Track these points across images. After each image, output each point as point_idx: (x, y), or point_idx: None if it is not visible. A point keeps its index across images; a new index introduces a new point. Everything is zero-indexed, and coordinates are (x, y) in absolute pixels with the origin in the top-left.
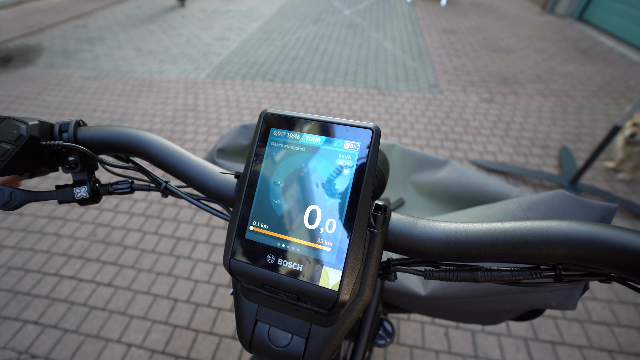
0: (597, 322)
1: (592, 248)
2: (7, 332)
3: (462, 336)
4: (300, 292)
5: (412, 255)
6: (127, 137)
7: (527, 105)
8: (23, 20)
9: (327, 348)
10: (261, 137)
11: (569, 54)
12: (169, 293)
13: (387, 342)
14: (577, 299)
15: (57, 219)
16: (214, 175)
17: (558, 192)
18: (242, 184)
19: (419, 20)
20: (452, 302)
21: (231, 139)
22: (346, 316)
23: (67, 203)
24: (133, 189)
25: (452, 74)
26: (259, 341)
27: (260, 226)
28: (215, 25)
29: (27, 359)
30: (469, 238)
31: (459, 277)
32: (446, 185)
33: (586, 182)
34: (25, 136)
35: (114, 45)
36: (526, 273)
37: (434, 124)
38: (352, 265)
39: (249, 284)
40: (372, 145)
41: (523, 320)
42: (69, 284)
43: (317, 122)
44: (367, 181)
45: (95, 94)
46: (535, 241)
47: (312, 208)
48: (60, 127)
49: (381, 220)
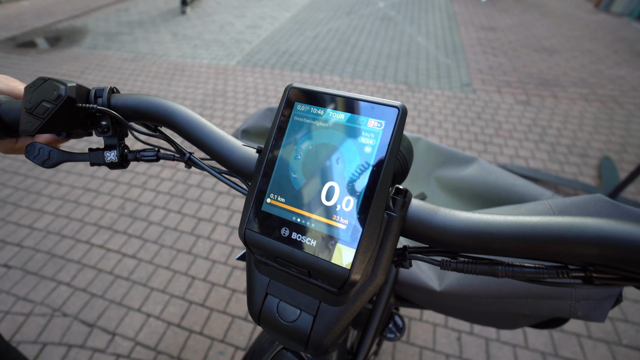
0: (628, 346)
1: (630, 250)
2: (44, 289)
3: (475, 342)
4: (312, 268)
5: (430, 243)
6: (156, 106)
7: (567, 110)
8: (72, 2)
9: (334, 327)
10: (285, 111)
11: (622, 57)
12: (188, 270)
13: (396, 337)
14: (607, 312)
15: (91, 191)
16: (236, 148)
17: (595, 197)
18: (262, 156)
19: (457, 15)
20: (468, 301)
21: (256, 121)
22: (356, 298)
23: (97, 165)
24: (159, 157)
25: (487, 73)
26: (267, 314)
27: (277, 199)
28: (249, 13)
29: (59, 316)
30: (492, 230)
31: (477, 269)
32: (472, 183)
33: (629, 196)
34: (64, 96)
35: (151, 29)
36: (552, 271)
37: (463, 123)
38: (367, 245)
39: (262, 256)
40: (397, 125)
41: (543, 328)
42: (97, 252)
43: (342, 98)
44: (389, 161)
45: (131, 75)
46: (566, 237)
47: (330, 184)
48: (96, 92)
49: (400, 204)
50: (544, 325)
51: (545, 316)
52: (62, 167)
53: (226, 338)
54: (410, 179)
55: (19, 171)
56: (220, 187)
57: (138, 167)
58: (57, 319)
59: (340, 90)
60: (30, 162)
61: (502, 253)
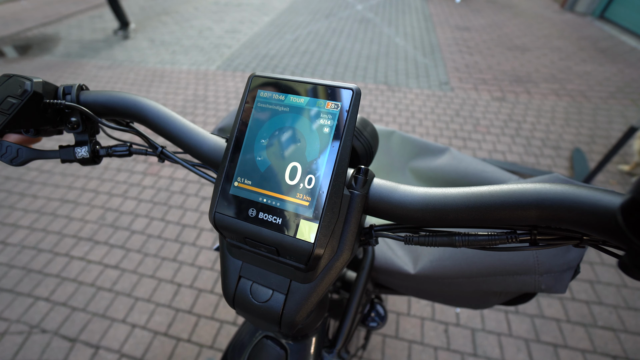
0: (603, 327)
1: (563, 208)
2: (20, 306)
3: (461, 333)
4: (279, 245)
5: (392, 219)
6: (126, 102)
7: (540, 105)
8: (42, 10)
9: (305, 304)
10: (248, 98)
11: (587, 54)
12: (173, 278)
13: (378, 325)
14: (567, 283)
15: (69, 202)
16: (206, 139)
17: (552, 176)
18: (229, 142)
19: (433, 16)
20: (442, 282)
21: (232, 119)
22: (324, 274)
23: (69, 162)
24: (131, 152)
25: (464, 71)
26: (241, 297)
27: (244, 182)
28: (228, 17)
29: (37, 333)
30: (446, 202)
31: (437, 241)
32: (444, 172)
33: (598, 184)
34: (29, 91)
35: (128, 35)
36: (502, 237)
37: (443, 121)
38: (329, 220)
39: (233, 239)
40: (352, 105)
41: (513, 304)
42: (78, 265)
43: (301, 83)
44: (346, 139)
45: (108, 83)
46: (509, 203)
47: (293, 165)
48: (64, 89)
49: (362, 182)
50: (513, 301)
51: (514, 292)
52: (37, 179)
53: (215, 344)
54: (386, 170)
55: None
56: (204, 192)
57: (118, 175)
58: (35, 336)
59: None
60: (1, 176)
61: (458, 223)
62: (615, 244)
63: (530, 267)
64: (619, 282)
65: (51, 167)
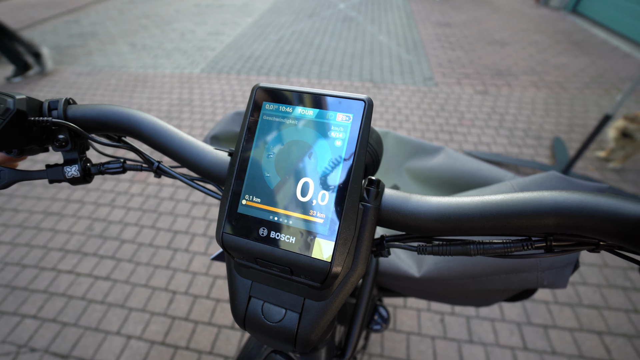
0: (588, 306)
1: (582, 216)
2: (6, 326)
3: (457, 322)
4: (294, 265)
5: (405, 230)
6: (118, 116)
7: (520, 97)
8: (13, 15)
9: (321, 322)
10: (253, 111)
11: (562, 46)
12: (168, 285)
13: (382, 328)
14: (567, 278)
15: (54, 215)
16: (207, 153)
17: (550, 174)
18: (234, 158)
19: (414, 13)
20: (446, 284)
21: (225, 126)
22: (339, 290)
23: (57, 182)
24: (125, 169)
25: (447, 66)
26: (252, 317)
27: (252, 200)
28: (210, 19)
29: (26, 352)
30: (461, 211)
31: (452, 250)
32: (440, 171)
33: (578, 171)
34: (12, 110)
35: (107, 40)
36: (517, 245)
37: (429, 116)
38: (345, 237)
39: (242, 259)
40: (365, 117)
41: (516, 300)
42: (66, 279)
43: (309, 94)
44: (360, 153)
45: (89, 90)
46: (526, 211)
47: (304, 180)
48: (50, 104)
49: (374, 195)
50: (516, 297)
51: (517, 289)
52: (17, 192)
53: (214, 349)
54: (382, 171)
55: None
56: (194, 197)
57: (104, 184)
58: (23, 356)
59: (307, 87)
60: None
61: (473, 232)
62: (634, 250)
63: (533, 264)
64: (600, 263)
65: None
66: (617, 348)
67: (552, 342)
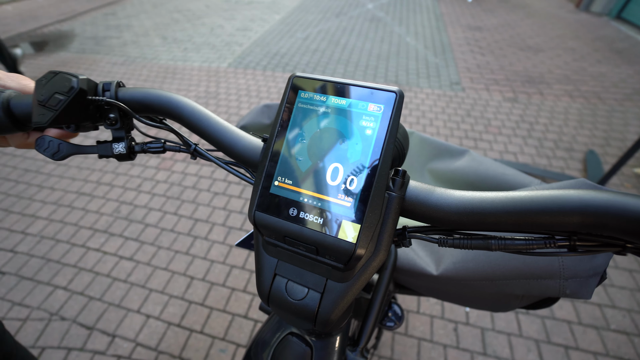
0: (616, 331)
1: (608, 215)
2: (40, 294)
3: (471, 332)
4: (320, 244)
5: (428, 221)
6: (163, 99)
7: (553, 107)
8: (57, 7)
9: (341, 303)
10: (289, 99)
11: (602, 54)
12: (186, 271)
13: (395, 325)
14: (592, 288)
15: (85, 195)
16: (241, 138)
17: (579, 181)
18: (269, 142)
19: (444, 16)
20: (464, 284)
21: (254, 117)
22: (361, 273)
23: (105, 157)
24: (165, 149)
25: (475, 71)
26: (276, 294)
27: (284, 181)
28: (239, 15)
29: (57, 320)
30: (485, 206)
31: (472, 244)
32: (464, 174)
33: (613, 187)
34: (76, 88)
35: (140, 32)
36: (540, 242)
37: (453, 121)
38: (370, 221)
39: (271, 237)
40: (395, 108)
41: (535, 308)
42: (94, 256)
43: (342, 84)
44: (389, 142)
45: (122, 79)
46: (551, 208)
47: (334, 165)
48: (104, 85)
49: (399, 184)
50: (535, 305)
51: (537, 296)
52: (54, 172)
53: (227, 336)
54: None
55: (9, 177)
56: (215, 188)
57: (132, 170)
58: (54, 323)
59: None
60: (20, 168)
61: (495, 227)
62: None
63: (555, 272)
64: (632, 286)
65: (67, 160)
66: None
67: None
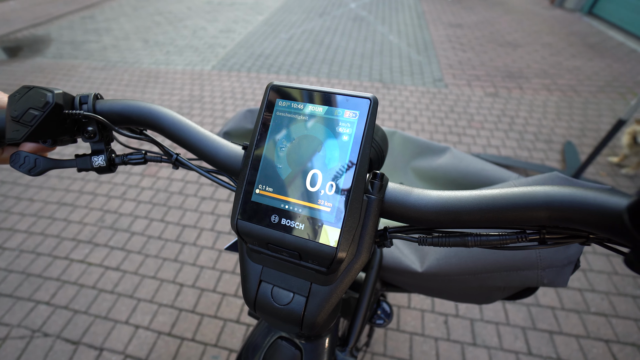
0: (595, 313)
1: (571, 209)
2: (21, 311)
3: (461, 324)
4: (302, 250)
5: (407, 221)
6: (142, 110)
7: (532, 100)
8: (31, 10)
9: (326, 305)
10: (267, 107)
11: (576, 49)
12: (175, 278)
13: (385, 322)
14: (568, 277)
15: (67, 205)
16: (222, 147)
17: (552, 174)
18: (249, 151)
19: (425, 14)
20: (448, 280)
21: (237, 123)
22: (344, 276)
23: (85, 171)
24: (146, 160)
25: (457, 68)
26: (262, 300)
27: (265, 189)
28: (221, 17)
29: (39, 337)
30: (460, 204)
31: (450, 242)
32: (445, 171)
33: (589, 176)
34: (51, 103)
35: (120, 36)
36: (512, 237)
37: (437, 117)
38: (350, 225)
39: (254, 244)
40: (370, 114)
41: (516, 299)
42: (78, 268)
43: (319, 92)
44: (365, 147)
45: (102, 84)
46: (519, 204)
47: (313, 172)
48: (81, 98)
49: (378, 187)
50: (516, 296)
51: (517, 287)
52: (33, 182)
53: (219, 342)
54: (388, 170)
55: None
56: (203, 192)
57: (116, 177)
58: (37, 340)
59: (317, 86)
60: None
61: (471, 224)
62: (621, 242)
63: (533, 263)
64: (610, 270)
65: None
66: (625, 357)
67: (558, 349)
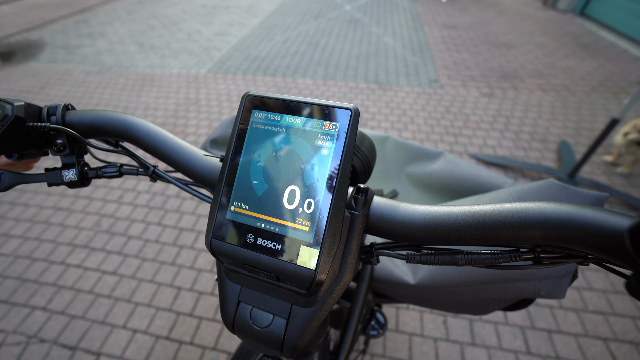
0: (593, 311)
1: (568, 228)
2: (17, 317)
3: (460, 324)
4: (279, 272)
5: (393, 238)
6: (115, 121)
7: (527, 100)
8: (24, 15)
9: (307, 329)
10: (243, 119)
11: (569, 49)
12: (173, 281)
13: (379, 333)
14: (565, 288)
15: (62, 210)
16: (199, 159)
17: (549, 182)
18: (224, 165)
19: (420, 15)
20: (442, 292)
21: (224, 130)
22: (326, 297)
23: (55, 185)
24: (122, 173)
25: (452, 69)
26: (241, 322)
27: (241, 206)
28: (216, 20)
29: (35, 343)
30: (449, 221)
31: (439, 260)
32: (440, 176)
33: (585, 175)
34: (10, 116)
35: (115, 40)
36: (505, 255)
37: (434, 118)
38: (330, 245)
39: (231, 264)
40: (351, 126)
41: (513, 309)
42: (74, 272)
43: (297, 103)
44: (345, 161)
45: (97, 88)
46: (512, 223)
47: (291, 188)
48: (49, 110)
49: (362, 203)
50: (513, 307)
51: (514, 298)
52: (28, 187)
53: (218, 345)
54: (382, 176)
55: None
56: None
57: (112, 181)
58: (33, 346)
59: (303, 95)
60: None
61: (461, 242)
62: (619, 264)
63: (529, 274)
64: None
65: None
66: (623, 355)
67: (556, 347)
